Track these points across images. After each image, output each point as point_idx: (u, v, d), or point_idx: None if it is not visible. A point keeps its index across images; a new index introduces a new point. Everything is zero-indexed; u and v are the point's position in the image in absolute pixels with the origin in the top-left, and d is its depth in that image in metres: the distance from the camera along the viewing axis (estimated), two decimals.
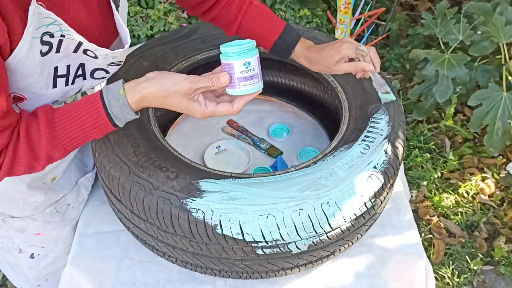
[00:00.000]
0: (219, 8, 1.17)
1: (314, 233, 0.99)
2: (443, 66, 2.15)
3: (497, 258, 2.03)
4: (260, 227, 0.96)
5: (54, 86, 0.96)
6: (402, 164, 1.54)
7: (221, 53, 0.90)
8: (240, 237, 0.96)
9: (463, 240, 2.10)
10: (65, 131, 0.90)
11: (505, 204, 2.21)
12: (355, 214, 1.02)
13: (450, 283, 1.96)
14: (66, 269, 1.17)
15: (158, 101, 0.92)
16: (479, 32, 2.11)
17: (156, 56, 1.34)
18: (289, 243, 0.99)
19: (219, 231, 0.96)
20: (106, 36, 1.02)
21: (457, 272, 1.99)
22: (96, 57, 0.96)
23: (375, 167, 1.05)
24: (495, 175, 2.30)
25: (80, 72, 0.99)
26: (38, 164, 0.91)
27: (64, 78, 0.97)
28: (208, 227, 0.96)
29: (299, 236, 0.98)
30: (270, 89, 1.57)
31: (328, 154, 1.10)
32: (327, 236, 1.02)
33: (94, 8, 0.95)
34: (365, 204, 1.02)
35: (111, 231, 1.22)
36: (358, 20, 2.54)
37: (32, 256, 1.26)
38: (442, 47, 2.24)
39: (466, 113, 2.53)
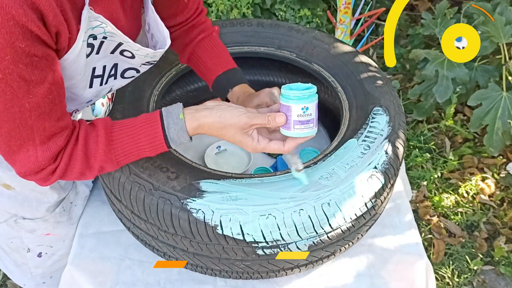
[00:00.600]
0: (180, 31, 1.21)
1: (315, 233, 0.99)
2: (443, 66, 2.15)
3: (497, 258, 2.03)
4: (261, 228, 0.96)
5: (91, 86, 0.99)
6: (403, 164, 1.54)
7: (281, 94, 0.92)
8: (241, 237, 0.96)
9: (463, 240, 2.10)
10: (122, 146, 0.93)
11: (505, 204, 2.21)
12: (355, 214, 1.02)
13: (450, 283, 1.96)
14: (66, 269, 1.17)
15: (213, 131, 0.94)
16: (479, 32, 2.11)
17: None
18: (289, 243, 0.99)
19: (219, 231, 0.96)
20: (135, 33, 1.05)
21: (457, 272, 1.99)
22: (133, 57, 0.99)
23: (375, 167, 1.05)
24: (495, 175, 2.30)
25: (112, 72, 1.02)
26: (91, 173, 0.94)
27: (100, 78, 1.00)
28: (208, 228, 0.96)
29: (299, 236, 0.98)
30: None
31: (329, 154, 1.10)
32: (328, 237, 1.02)
33: (128, 8, 0.97)
34: (365, 204, 1.02)
35: (112, 231, 1.22)
36: (358, 20, 2.54)
37: (39, 255, 1.27)
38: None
39: (466, 113, 2.53)
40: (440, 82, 2.16)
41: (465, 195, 2.25)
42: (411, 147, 2.43)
